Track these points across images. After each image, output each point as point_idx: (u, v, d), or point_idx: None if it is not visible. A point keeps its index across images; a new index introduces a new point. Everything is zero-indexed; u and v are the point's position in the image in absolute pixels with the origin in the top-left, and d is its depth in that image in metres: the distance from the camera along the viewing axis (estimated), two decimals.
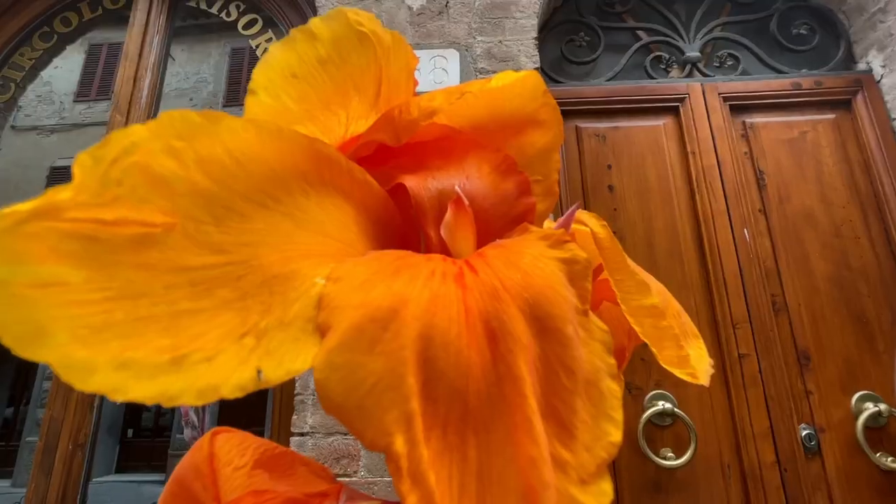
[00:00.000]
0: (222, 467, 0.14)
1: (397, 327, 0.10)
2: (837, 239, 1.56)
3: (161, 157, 0.10)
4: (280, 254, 0.11)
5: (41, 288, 0.08)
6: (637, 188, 1.65)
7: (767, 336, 1.46)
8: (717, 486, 1.36)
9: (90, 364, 0.08)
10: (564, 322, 0.10)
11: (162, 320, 0.10)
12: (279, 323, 0.10)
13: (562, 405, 0.10)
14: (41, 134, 10.18)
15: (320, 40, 0.14)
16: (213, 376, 0.09)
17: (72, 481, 1.43)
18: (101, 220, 0.09)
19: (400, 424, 0.09)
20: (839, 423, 1.40)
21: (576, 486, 0.09)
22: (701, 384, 0.15)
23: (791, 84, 1.72)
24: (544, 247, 0.12)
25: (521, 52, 1.60)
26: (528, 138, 0.16)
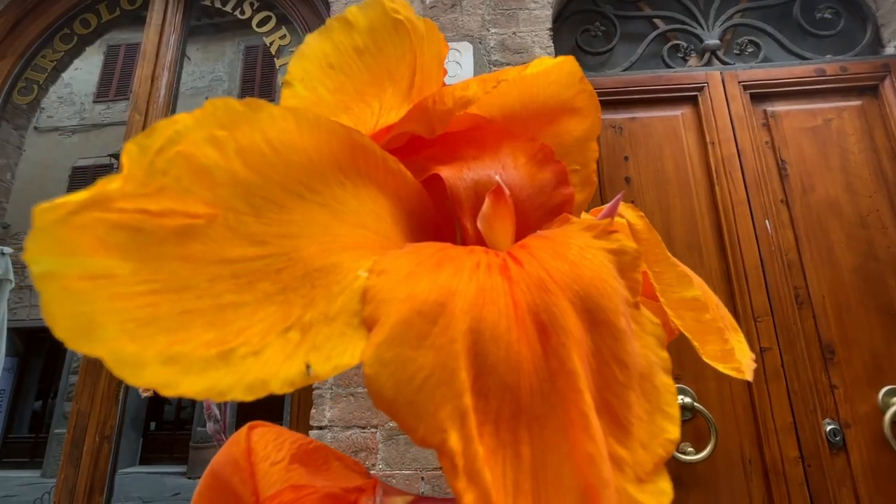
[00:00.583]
0: (260, 462, 0.14)
1: (446, 321, 0.09)
2: (863, 229, 1.52)
3: (204, 146, 0.10)
4: (319, 246, 0.11)
5: (90, 280, 0.08)
6: (655, 179, 1.62)
7: (790, 329, 1.43)
8: (739, 481, 1.34)
9: (139, 359, 0.08)
10: (616, 315, 0.10)
11: (207, 314, 0.09)
12: (324, 317, 0.10)
13: (616, 401, 0.10)
14: (63, 134, 10.42)
15: (357, 29, 0.13)
16: (262, 371, 0.09)
17: (99, 472, 1.47)
18: (147, 211, 0.09)
19: (454, 420, 0.09)
20: (865, 417, 1.37)
21: (633, 485, 0.09)
22: (745, 379, 0.15)
23: (815, 70, 1.67)
24: (590, 237, 0.12)
25: (535, 43, 1.58)
26: (565, 126, 0.16)
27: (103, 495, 1.46)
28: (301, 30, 1.90)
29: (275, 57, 1.98)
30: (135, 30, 2.11)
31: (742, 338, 0.18)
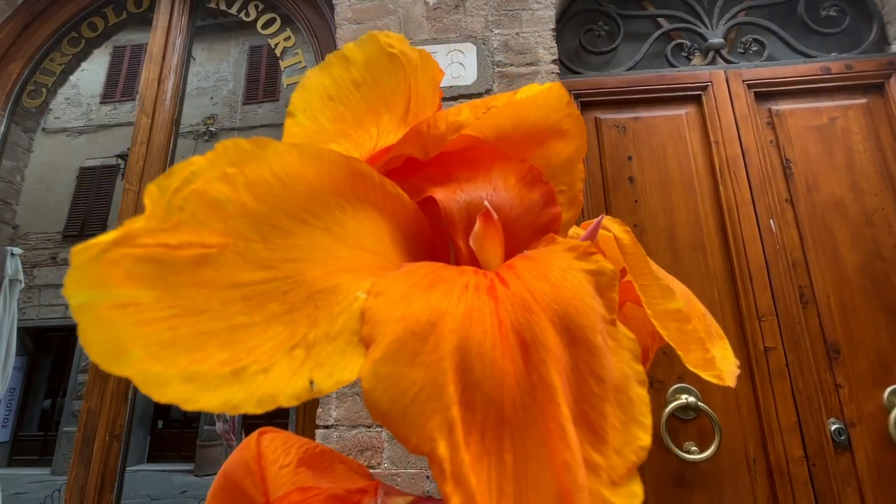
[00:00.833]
0: (269, 465, 0.15)
1: (436, 340, 0.10)
2: (869, 228, 1.51)
3: (216, 182, 0.11)
4: (322, 269, 0.12)
5: (120, 309, 0.09)
6: (659, 179, 1.63)
7: (794, 329, 1.43)
8: (743, 481, 1.35)
9: (162, 377, 0.09)
10: (593, 332, 0.11)
11: (221, 334, 0.10)
12: (326, 336, 0.11)
13: (592, 411, 0.11)
14: (70, 135, 10.50)
15: (354, 64, 0.14)
16: (271, 386, 0.10)
17: (109, 470, 1.49)
18: (167, 245, 0.10)
19: (442, 431, 0.10)
20: (870, 417, 1.36)
21: (607, 488, 0.10)
22: (727, 385, 0.16)
23: (820, 68, 1.66)
24: (571, 258, 0.12)
25: (538, 43, 1.58)
26: (553, 149, 0.17)
27: (113, 493, 1.49)
28: (305, 31, 1.92)
29: (279, 58, 1.99)
30: (140, 30, 2.12)
31: (727, 345, 0.19)
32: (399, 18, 1.62)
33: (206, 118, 10.28)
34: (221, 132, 10.38)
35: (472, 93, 1.54)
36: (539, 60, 1.56)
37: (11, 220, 2.09)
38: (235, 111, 10.54)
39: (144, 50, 8.17)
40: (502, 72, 1.56)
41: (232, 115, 10.48)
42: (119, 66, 10.49)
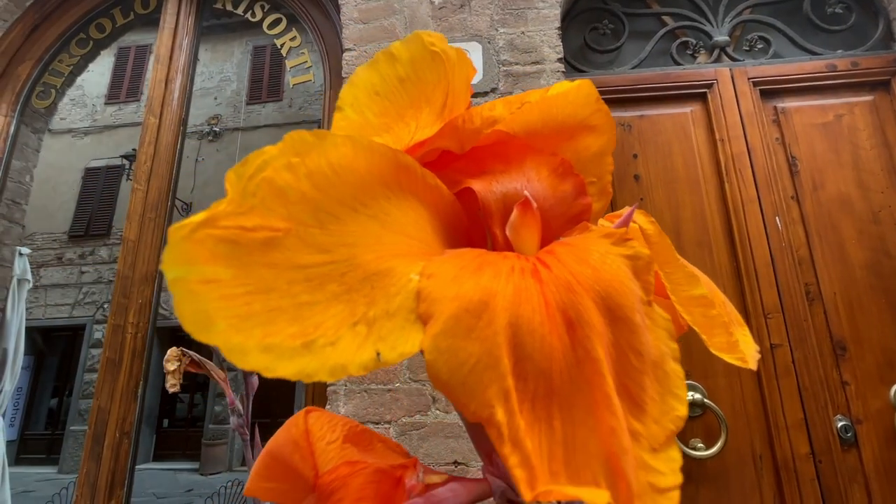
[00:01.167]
0: (317, 441, 0.16)
1: (489, 316, 0.11)
2: (875, 225, 1.51)
3: (282, 171, 0.12)
4: (374, 253, 0.13)
5: (205, 284, 0.10)
6: (664, 177, 1.63)
7: (801, 326, 1.43)
8: (749, 477, 1.35)
9: (243, 348, 0.10)
10: (633, 311, 0.12)
11: (288, 311, 0.11)
12: (385, 313, 0.12)
13: (633, 384, 0.11)
14: (75, 136, 10.56)
15: (400, 61, 0.15)
16: (340, 357, 0.11)
17: (119, 467, 1.51)
18: (242, 227, 0.11)
19: (499, 398, 0.10)
20: (877, 413, 1.37)
21: (648, 454, 0.11)
22: (750, 368, 0.16)
23: (825, 66, 1.66)
24: (609, 244, 0.13)
25: (543, 42, 1.59)
26: (583, 142, 0.17)
27: (124, 489, 1.50)
28: (311, 31, 1.93)
29: (285, 58, 2.00)
30: (145, 31, 2.14)
31: (747, 332, 0.20)
32: (405, 18, 1.62)
33: (209, 118, 10.32)
34: (225, 132, 10.41)
35: (477, 91, 1.55)
36: (544, 59, 1.56)
37: (21, 219, 2.11)
38: (239, 111, 10.57)
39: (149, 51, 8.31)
40: (507, 70, 1.57)
41: (236, 116, 10.51)
42: (124, 67, 10.54)
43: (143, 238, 1.74)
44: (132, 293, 1.68)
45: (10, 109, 1.97)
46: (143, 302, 1.68)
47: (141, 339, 1.64)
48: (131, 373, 1.60)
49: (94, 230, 10.02)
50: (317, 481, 0.16)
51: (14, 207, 2.07)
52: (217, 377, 0.67)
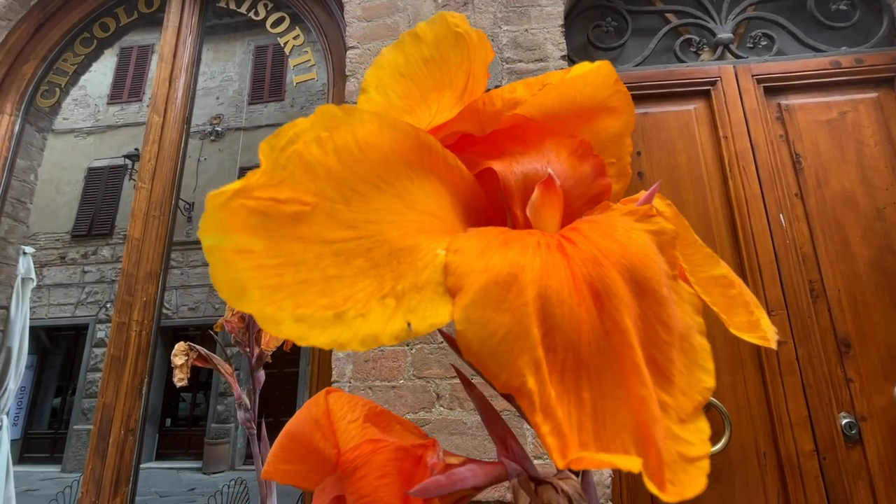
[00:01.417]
0: (338, 420, 0.16)
1: (518, 288, 0.11)
2: (880, 222, 1.51)
3: (311, 145, 0.12)
4: (398, 230, 0.13)
5: (239, 253, 0.10)
6: (668, 174, 1.63)
7: (805, 323, 1.43)
8: (753, 474, 1.35)
9: (276, 317, 0.10)
10: (660, 284, 0.12)
11: (317, 283, 0.11)
12: (413, 287, 0.12)
13: (660, 356, 0.11)
14: (78, 136, 10.58)
15: (425, 42, 0.15)
16: (371, 328, 0.11)
17: (124, 464, 1.51)
18: (274, 199, 0.11)
19: (530, 367, 0.11)
20: (882, 411, 1.36)
21: (676, 424, 0.11)
22: (771, 347, 0.16)
23: (830, 63, 1.66)
24: (633, 221, 0.13)
25: (547, 39, 1.59)
26: (602, 124, 0.17)
27: (129, 485, 1.51)
28: (314, 29, 1.93)
29: (288, 56, 2.01)
30: (148, 31, 2.14)
31: (764, 313, 0.19)
32: (408, 16, 1.62)
33: (211, 118, 10.33)
34: (227, 132, 10.42)
35: None
36: (548, 56, 1.56)
37: (26, 218, 2.12)
38: (241, 111, 10.58)
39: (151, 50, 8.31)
40: (511, 68, 1.57)
41: (238, 115, 10.52)
42: (126, 67, 10.56)
43: (147, 236, 1.75)
44: (136, 291, 1.69)
45: (15, 108, 1.97)
46: (148, 299, 1.68)
47: (145, 336, 1.64)
48: (136, 370, 1.61)
49: (97, 230, 10.05)
50: (339, 458, 0.16)
51: (19, 206, 2.07)
52: (224, 371, 0.67)
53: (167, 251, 1.76)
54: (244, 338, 0.68)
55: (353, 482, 0.15)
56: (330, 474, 0.17)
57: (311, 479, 0.18)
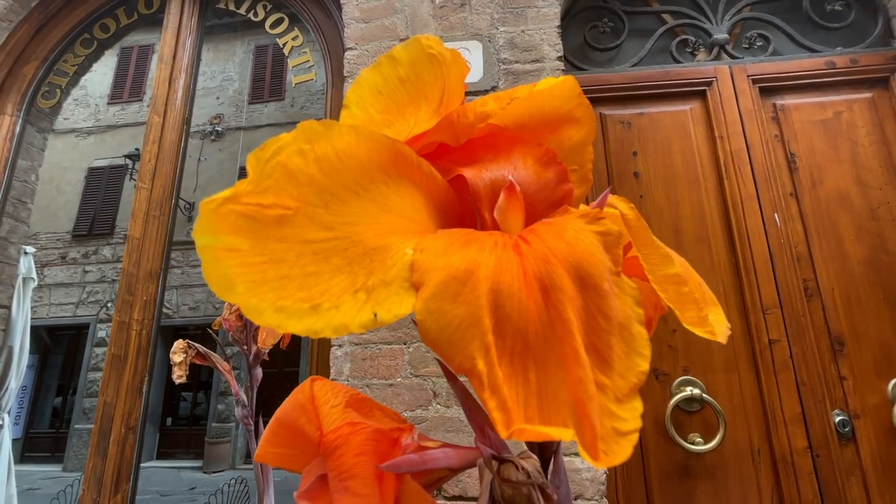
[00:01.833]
0: (322, 405, 0.18)
1: (473, 283, 0.13)
2: (874, 222, 1.52)
3: (294, 156, 0.14)
4: (373, 231, 0.15)
5: (228, 252, 0.12)
6: (663, 174, 1.64)
7: (799, 321, 1.44)
8: (747, 471, 1.36)
9: (259, 308, 0.12)
10: (602, 279, 0.13)
11: (297, 279, 0.13)
12: (382, 282, 0.13)
13: (601, 343, 0.13)
14: (78, 136, 10.60)
15: (400, 63, 0.17)
16: (343, 318, 0.12)
17: (125, 462, 1.53)
18: (260, 204, 0.13)
19: (480, 352, 0.12)
20: (875, 408, 1.38)
21: (613, 403, 0.12)
22: (718, 341, 0.18)
23: (825, 63, 1.67)
24: (583, 223, 0.15)
25: (543, 40, 1.60)
26: (565, 133, 0.19)
27: (129, 483, 1.52)
28: (313, 30, 1.94)
29: (287, 57, 2.02)
30: (148, 31, 2.16)
31: (720, 311, 0.21)
32: (406, 17, 1.64)
33: (212, 118, 10.35)
34: (227, 132, 10.44)
35: (477, 90, 1.56)
36: (544, 57, 1.57)
37: (27, 218, 2.13)
38: (241, 111, 10.60)
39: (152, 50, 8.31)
40: (508, 69, 1.58)
41: (238, 115, 10.54)
42: (126, 67, 10.58)
43: (147, 236, 1.76)
44: (137, 290, 1.70)
45: (16, 109, 1.99)
46: (148, 299, 1.70)
47: (146, 335, 1.66)
48: (136, 369, 1.62)
49: (98, 230, 10.07)
50: (321, 439, 0.17)
51: (20, 206, 2.09)
52: (222, 369, 0.69)
53: (167, 251, 1.78)
54: (242, 336, 0.69)
55: (333, 460, 0.16)
56: (315, 457, 0.19)
57: (299, 462, 0.19)
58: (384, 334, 1.34)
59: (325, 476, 0.18)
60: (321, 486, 0.18)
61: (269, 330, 0.61)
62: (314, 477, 0.18)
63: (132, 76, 10.55)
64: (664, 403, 1.42)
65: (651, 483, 1.38)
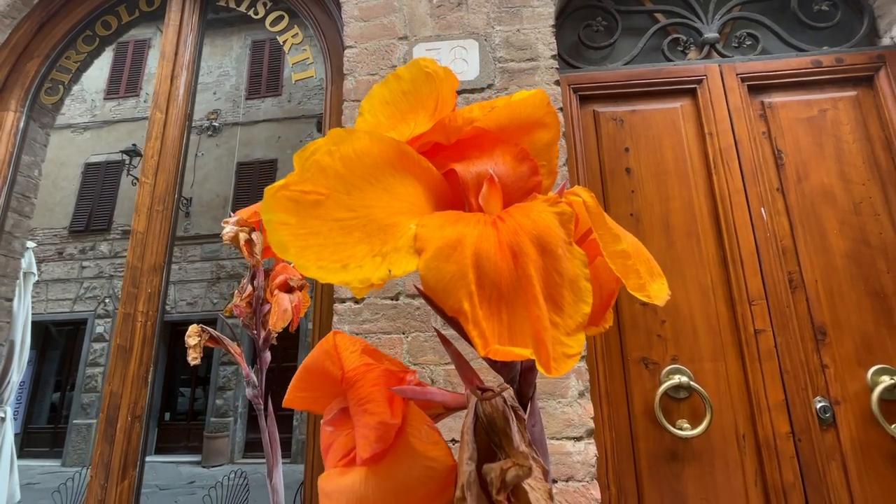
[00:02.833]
0: (342, 351, 0.22)
1: (461, 249, 0.17)
2: (856, 216, 1.57)
3: (325, 155, 0.18)
4: (384, 212, 0.19)
5: (282, 225, 0.16)
6: (654, 170, 1.69)
7: (784, 312, 1.50)
8: (733, 456, 1.42)
9: (305, 266, 0.16)
10: (557, 247, 0.18)
11: (329, 247, 0.17)
12: (393, 249, 0.18)
13: (555, 293, 0.17)
14: (75, 131, 10.57)
15: (403, 80, 0.21)
16: (366, 274, 0.17)
17: (132, 448, 1.58)
18: (302, 191, 0.17)
19: (466, 298, 0.17)
20: (855, 395, 1.43)
21: (563, 336, 0.17)
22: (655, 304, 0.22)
23: (811, 62, 1.72)
24: (546, 206, 0.19)
25: (538, 39, 1.64)
26: (537, 135, 0.23)
27: (136, 469, 1.57)
28: (312, 28, 1.98)
29: (287, 54, 2.05)
30: (144, 26, 2.18)
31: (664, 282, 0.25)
32: (404, 16, 1.67)
33: (209, 113, 10.34)
34: (224, 127, 10.43)
35: (474, 87, 1.60)
36: (539, 56, 1.61)
37: (30, 213, 2.17)
38: (238, 106, 10.59)
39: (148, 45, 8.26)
40: (503, 67, 1.62)
41: (235, 110, 10.53)
42: (122, 62, 10.54)
43: (151, 230, 1.80)
44: (141, 283, 1.74)
45: (20, 105, 2.02)
46: (152, 291, 1.74)
47: (150, 326, 1.70)
48: (141, 359, 1.67)
49: (95, 225, 10.07)
50: (343, 376, 0.22)
51: (24, 201, 2.12)
52: (233, 351, 0.73)
53: (170, 245, 1.82)
54: (252, 321, 0.74)
55: (353, 391, 0.21)
56: (336, 397, 0.23)
57: (322, 404, 0.24)
58: (384, 324, 1.39)
59: (345, 409, 0.22)
60: (342, 416, 0.22)
61: (279, 314, 0.65)
62: (336, 409, 0.22)
63: (128, 71, 10.51)
64: (653, 391, 1.47)
65: (640, 467, 1.44)
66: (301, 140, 10.11)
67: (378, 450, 0.19)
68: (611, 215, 1.07)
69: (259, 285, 0.72)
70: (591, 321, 0.28)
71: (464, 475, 0.18)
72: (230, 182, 10.09)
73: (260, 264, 0.70)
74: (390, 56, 1.64)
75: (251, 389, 0.73)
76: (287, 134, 10.21)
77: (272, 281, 0.70)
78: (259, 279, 0.72)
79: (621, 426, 1.48)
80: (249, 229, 0.68)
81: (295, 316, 0.67)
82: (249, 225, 0.70)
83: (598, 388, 1.49)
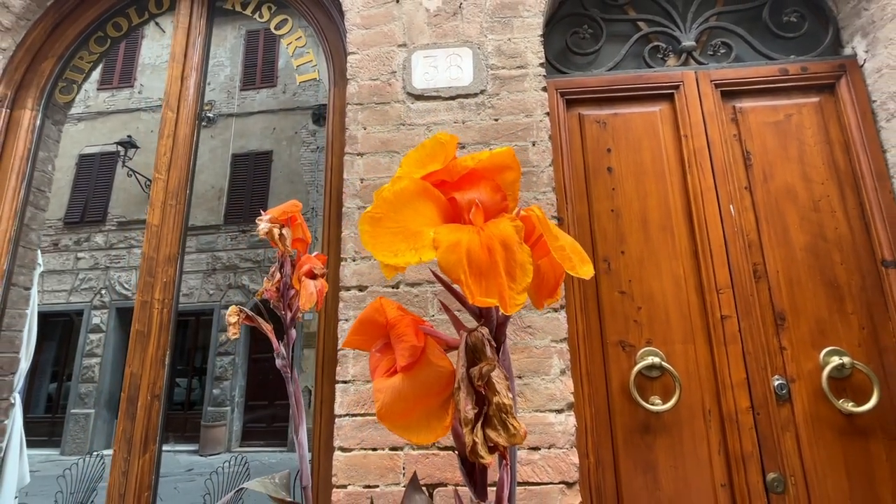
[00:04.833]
0: (386, 307, 0.36)
1: (459, 246, 0.31)
2: (815, 213, 1.73)
3: (385, 192, 0.32)
4: (416, 225, 0.33)
5: (365, 232, 0.31)
6: (634, 169, 1.83)
7: (748, 300, 1.66)
8: (699, 428, 1.59)
9: (376, 255, 0.31)
10: (513, 245, 0.32)
11: (387, 245, 0.32)
12: (422, 245, 0.32)
13: (511, 271, 0.32)
14: (69, 122, 10.52)
15: (425, 147, 0.35)
16: (408, 258, 0.31)
17: (151, 425, 1.72)
18: (375, 213, 0.31)
19: (462, 273, 0.30)
20: (808, 374, 1.60)
21: (515, 294, 0.31)
22: (582, 277, 0.37)
23: (779, 70, 1.86)
24: (508, 221, 0.34)
25: (527, 48, 1.77)
26: (506, 175, 0.38)
27: (156, 443, 1.71)
28: (316, 33, 2.09)
29: (292, 57, 2.17)
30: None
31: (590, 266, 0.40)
32: (403, 24, 1.80)
33: (204, 104, 10.35)
34: (219, 118, 10.44)
35: (468, 93, 1.73)
36: (528, 64, 1.75)
37: (45, 206, 2.28)
38: (233, 97, 10.60)
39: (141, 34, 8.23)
40: (495, 74, 1.75)
41: (230, 101, 10.55)
42: (116, 53, 10.50)
43: (165, 222, 1.93)
44: (157, 273, 1.87)
45: (36, 103, 2.12)
46: (168, 280, 1.87)
47: (167, 313, 1.83)
48: (159, 343, 1.80)
49: (90, 217, 10.09)
50: (387, 321, 0.36)
51: (39, 195, 2.23)
52: (265, 328, 0.87)
53: (183, 236, 1.94)
54: (280, 303, 0.88)
55: (394, 330, 0.35)
56: (380, 338, 0.37)
57: (371, 343, 0.38)
58: None
59: (387, 344, 0.36)
60: (385, 348, 0.36)
61: (307, 296, 0.79)
62: (381, 344, 0.36)
63: (122, 62, 10.48)
64: (629, 370, 1.63)
65: (616, 438, 1.60)
66: (296, 132, 10.16)
67: (410, 361, 0.33)
68: (593, 211, 1.27)
69: (286, 273, 0.86)
70: (548, 294, 0.43)
71: (459, 374, 0.32)
72: (225, 174, 10.13)
73: (288, 254, 0.84)
74: (390, 62, 1.77)
75: (280, 360, 0.87)
76: (282, 125, 10.24)
77: (299, 269, 0.83)
78: (286, 268, 0.86)
79: (600, 402, 1.64)
80: (280, 225, 0.82)
81: (319, 298, 0.81)
82: (279, 222, 0.84)
83: (580, 369, 1.64)
